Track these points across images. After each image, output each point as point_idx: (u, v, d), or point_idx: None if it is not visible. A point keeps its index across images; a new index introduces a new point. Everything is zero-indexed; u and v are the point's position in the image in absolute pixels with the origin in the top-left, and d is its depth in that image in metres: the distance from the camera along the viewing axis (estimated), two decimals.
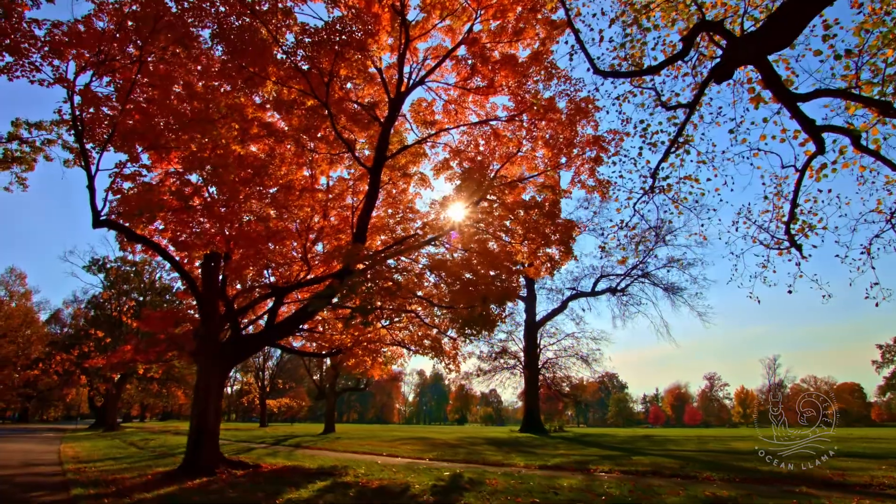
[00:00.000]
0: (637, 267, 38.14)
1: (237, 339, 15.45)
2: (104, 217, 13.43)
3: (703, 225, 12.81)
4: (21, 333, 56.63)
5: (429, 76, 15.70)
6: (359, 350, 17.43)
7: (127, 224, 13.88)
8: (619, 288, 39.84)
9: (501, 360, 42.52)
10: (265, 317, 18.75)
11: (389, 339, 17.79)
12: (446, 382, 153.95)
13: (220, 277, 16.69)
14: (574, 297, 41.86)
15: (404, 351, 18.31)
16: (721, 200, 13.52)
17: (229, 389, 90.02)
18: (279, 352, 59.67)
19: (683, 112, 11.50)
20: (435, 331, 16.16)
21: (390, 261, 15.66)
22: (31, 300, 62.98)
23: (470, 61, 15.36)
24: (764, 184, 11.88)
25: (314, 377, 47.00)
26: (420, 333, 17.61)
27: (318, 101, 13.46)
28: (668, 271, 40.40)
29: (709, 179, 12.07)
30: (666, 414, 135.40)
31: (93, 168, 13.14)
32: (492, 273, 14.56)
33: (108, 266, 55.28)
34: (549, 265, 14.77)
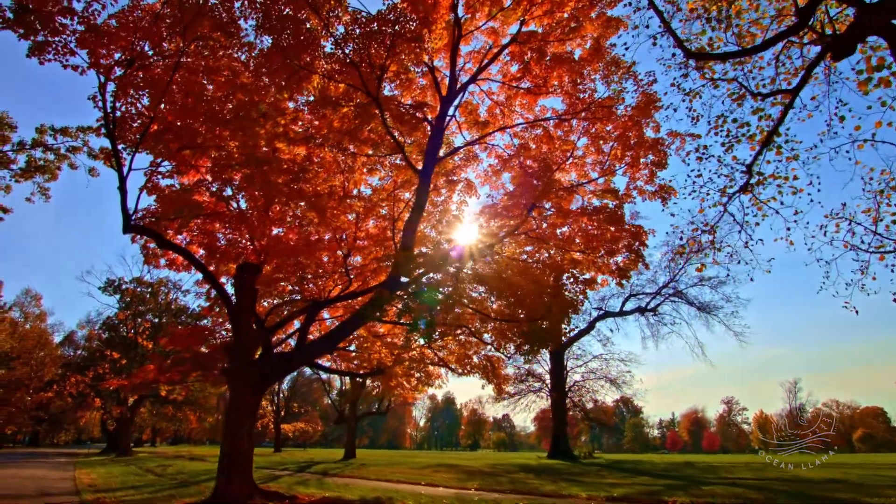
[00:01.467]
0: (668, 285, 36.60)
1: (273, 357, 14.10)
2: (135, 222, 12.26)
3: (789, 229, 11.24)
4: (35, 355, 55.53)
5: (480, 74, 14.59)
6: (399, 370, 16.00)
7: (153, 222, 12.70)
8: (649, 307, 38.19)
9: (527, 383, 40.75)
10: (298, 334, 17.46)
11: (431, 357, 16.37)
12: (458, 407, 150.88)
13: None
14: (601, 318, 40.20)
15: (443, 371, 16.86)
16: (811, 201, 12.18)
17: None
18: (293, 374, 58.08)
19: (782, 99, 10.25)
20: (488, 348, 14.75)
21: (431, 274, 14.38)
22: (46, 322, 62.02)
23: (527, 56, 14.25)
24: (870, 178, 10.54)
25: (330, 400, 45.26)
26: (466, 352, 16.19)
27: (368, 95, 12.32)
28: (700, 290, 38.73)
29: (796, 178, 10.71)
30: (683, 439, 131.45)
31: (125, 169, 12.01)
32: (551, 283, 13.22)
33: (124, 287, 54.39)
34: (616, 273, 13.38)
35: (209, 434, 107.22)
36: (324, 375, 41.80)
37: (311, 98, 12.98)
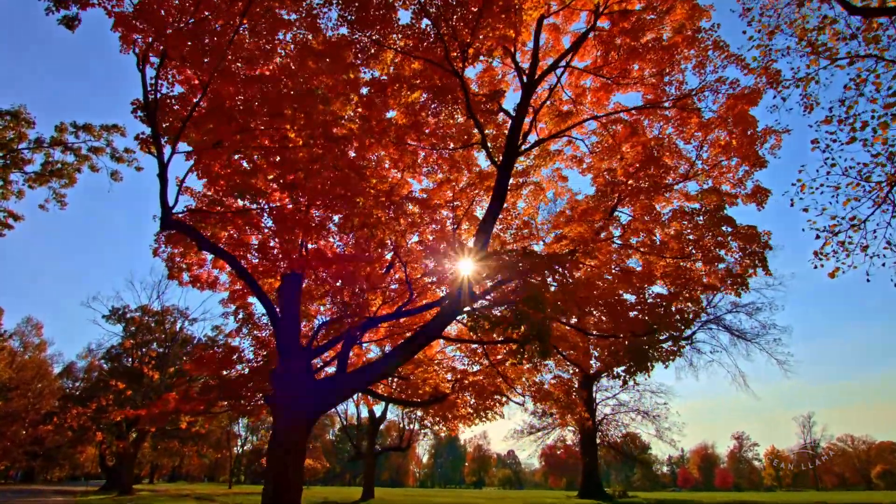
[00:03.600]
0: (705, 310, 34.41)
1: (325, 383, 11.85)
2: (174, 217, 10.23)
3: None
4: (33, 387, 52.52)
5: (561, 60, 12.82)
6: (462, 398, 13.70)
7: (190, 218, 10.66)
8: (684, 335, 35.82)
9: (553, 416, 37.96)
10: (337, 358, 15.20)
11: (499, 383, 14.08)
12: (462, 442, 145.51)
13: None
14: None
15: (515, 398, 14.53)
16: None
17: (238, 448, 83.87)
18: None
19: None
20: (570, 371, 12.51)
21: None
22: (46, 351, 59.16)
23: (617, 40, 12.52)
24: None
25: (333, 436, 42.17)
26: (534, 375, 13.96)
27: (454, 74, 10.48)
28: (735, 317, 36.48)
29: None
30: (694, 476, 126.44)
31: (166, 155, 10.03)
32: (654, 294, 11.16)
33: (129, 315, 51.93)
34: (732, 282, 11.30)
35: (208, 471, 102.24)
36: (340, 407, 39.02)
37: (390, 71, 11.11)
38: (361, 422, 39.50)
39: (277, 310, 12.41)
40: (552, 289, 9.72)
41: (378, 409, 34.66)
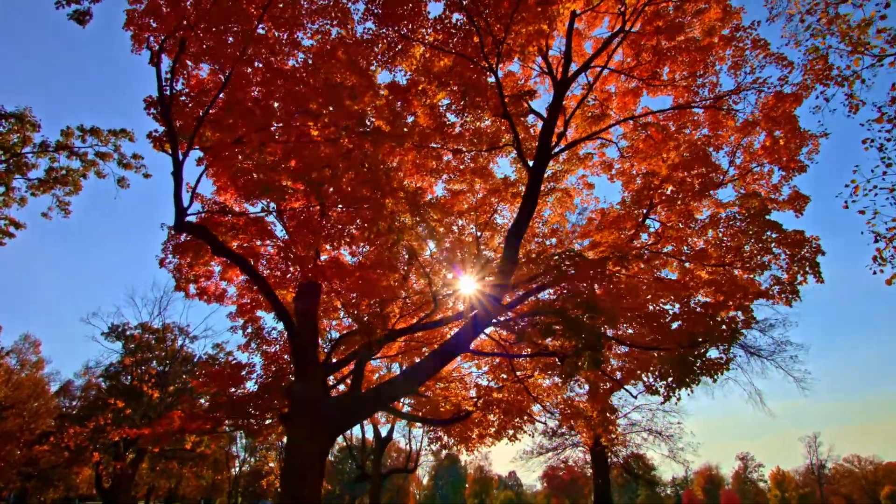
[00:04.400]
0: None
1: (345, 399, 10.99)
2: (188, 219, 9.48)
3: None
4: (29, 406, 51.15)
5: (592, 61, 12.22)
6: (489, 416, 12.80)
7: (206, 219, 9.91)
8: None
9: (565, 436, 36.76)
10: (352, 375, 14.31)
11: (525, 399, 13.20)
12: (462, 464, 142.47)
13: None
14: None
15: (540, 417, 13.64)
16: None
17: (235, 469, 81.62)
18: None
19: None
20: (606, 385, 11.66)
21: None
22: (43, 369, 57.85)
23: (648, 41, 11.95)
24: None
25: (333, 456, 40.85)
26: (563, 393, 13.09)
27: (488, 70, 9.86)
28: (749, 332, 35.50)
29: None
30: (699, 498, 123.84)
31: (181, 153, 9.30)
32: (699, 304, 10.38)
33: (129, 333, 50.87)
34: (781, 290, 10.53)
35: (205, 493, 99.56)
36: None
37: (419, 65, 10.45)
38: (365, 442, 38.26)
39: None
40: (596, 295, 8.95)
41: (384, 429, 33.56)
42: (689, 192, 11.92)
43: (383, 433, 34.53)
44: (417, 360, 16.99)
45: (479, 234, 13.24)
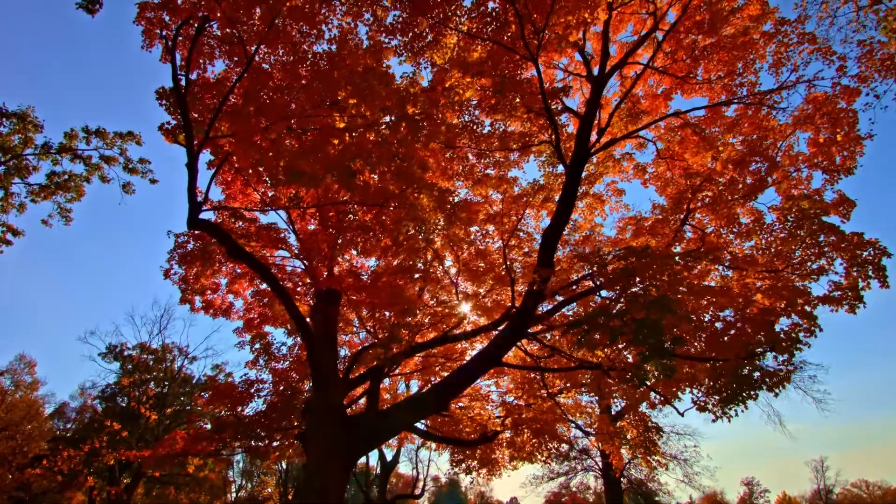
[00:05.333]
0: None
1: (367, 417, 9.94)
2: (200, 217, 8.59)
3: None
4: (22, 428, 49.38)
5: (628, 58, 11.52)
6: (520, 437, 11.72)
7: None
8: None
9: (576, 461, 35.29)
10: (368, 392, 13.22)
11: (557, 415, 12.14)
12: (463, 489, 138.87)
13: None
14: None
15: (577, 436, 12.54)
16: None
17: (231, 495, 78.87)
18: None
19: None
20: (655, 401, 10.63)
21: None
22: (38, 391, 56.16)
23: (686, 38, 11.28)
24: None
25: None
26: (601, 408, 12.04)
27: (529, 59, 9.10)
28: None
29: None
30: None
31: (196, 143, 8.45)
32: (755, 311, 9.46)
33: (127, 353, 49.53)
34: (842, 295, 9.60)
35: None
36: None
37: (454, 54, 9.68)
38: (369, 467, 36.73)
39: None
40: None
41: (388, 451, 32.09)
42: (733, 194, 11.11)
43: (388, 456, 33.07)
44: (434, 379, 15.97)
45: (508, 237, 12.36)
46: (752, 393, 9.26)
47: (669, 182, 12.49)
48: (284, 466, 55.45)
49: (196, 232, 14.62)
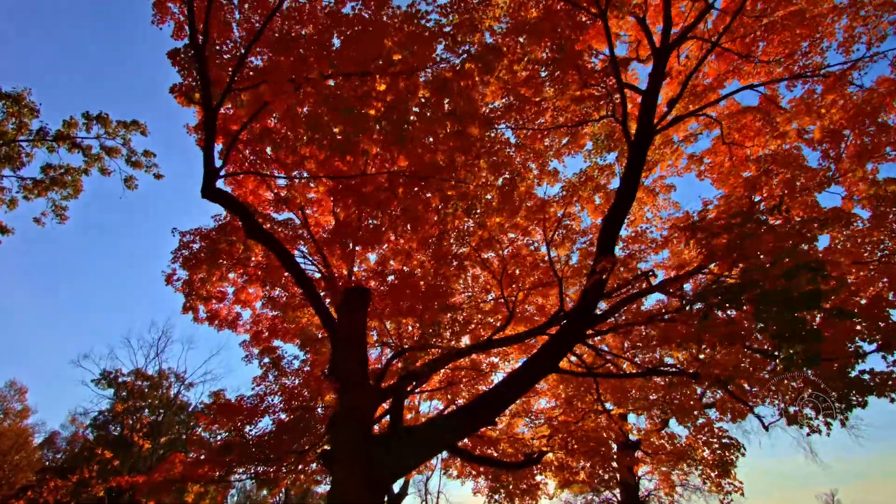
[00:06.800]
0: None
1: (414, 430, 8.28)
2: (217, 187, 7.15)
3: None
4: (9, 458, 46.70)
5: (689, 32, 10.33)
6: (574, 459, 10.02)
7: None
8: None
9: (600, 490, 32.94)
10: (391, 408, 11.52)
11: (609, 437, 10.48)
12: None
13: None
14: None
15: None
16: None
17: None
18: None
19: None
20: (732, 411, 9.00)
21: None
22: (28, 419, 53.51)
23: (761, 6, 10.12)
24: None
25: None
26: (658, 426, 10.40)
27: (591, 14, 7.87)
28: None
29: None
30: None
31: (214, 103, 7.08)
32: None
33: (121, 380, 47.36)
34: None
35: None
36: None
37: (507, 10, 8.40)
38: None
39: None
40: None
41: (397, 483, 29.81)
42: (813, 180, 9.77)
43: (395, 487, 30.73)
44: (458, 401, 14.32)
45: (548, 238, 10.93)
46: (862, 400, 7.74)
47: (730, 172, 11.15)
48: (282, 496, 52.46)
49: (203, 231, 13.26)
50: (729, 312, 6.48)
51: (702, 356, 7.58)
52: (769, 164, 10.00)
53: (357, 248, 12.74)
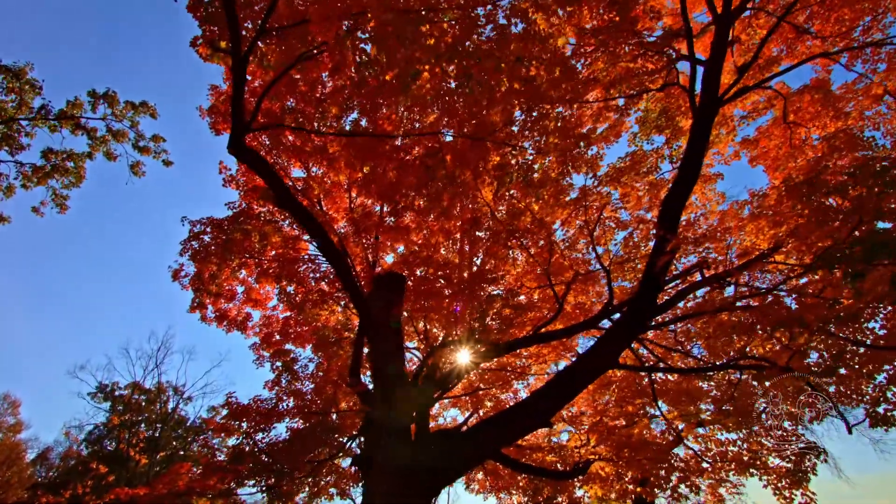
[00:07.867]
0: None
1: (458, 433, 7.16)
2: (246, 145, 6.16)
3: None
4: (0, 475, 44.92)
5: (748, 3, 9.48)
6: (629, 469, 8.88)
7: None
8: None
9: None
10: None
11: (667, 443, 9.35)
12: None
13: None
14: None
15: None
16: None
17: None
18: None
19: None
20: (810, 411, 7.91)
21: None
22: (21, 434, 51.65)
23: None
24: None
25: None
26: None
27: None
28: None
29: None
30: None
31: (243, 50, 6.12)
32: None
33: (118, 393, 45.79)
34: None
35: None
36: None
37: None
38: None
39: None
40: None
41: None
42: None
43: None
44: (488, 404, 13.25)
45: (591, 229, 9.94)
46: None
47: (788, 156, 10.24)
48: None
49: (215, 220, 12.24)
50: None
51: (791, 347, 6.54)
52: (837, 142, 9.10)
53: (379, 239, 11.78)
